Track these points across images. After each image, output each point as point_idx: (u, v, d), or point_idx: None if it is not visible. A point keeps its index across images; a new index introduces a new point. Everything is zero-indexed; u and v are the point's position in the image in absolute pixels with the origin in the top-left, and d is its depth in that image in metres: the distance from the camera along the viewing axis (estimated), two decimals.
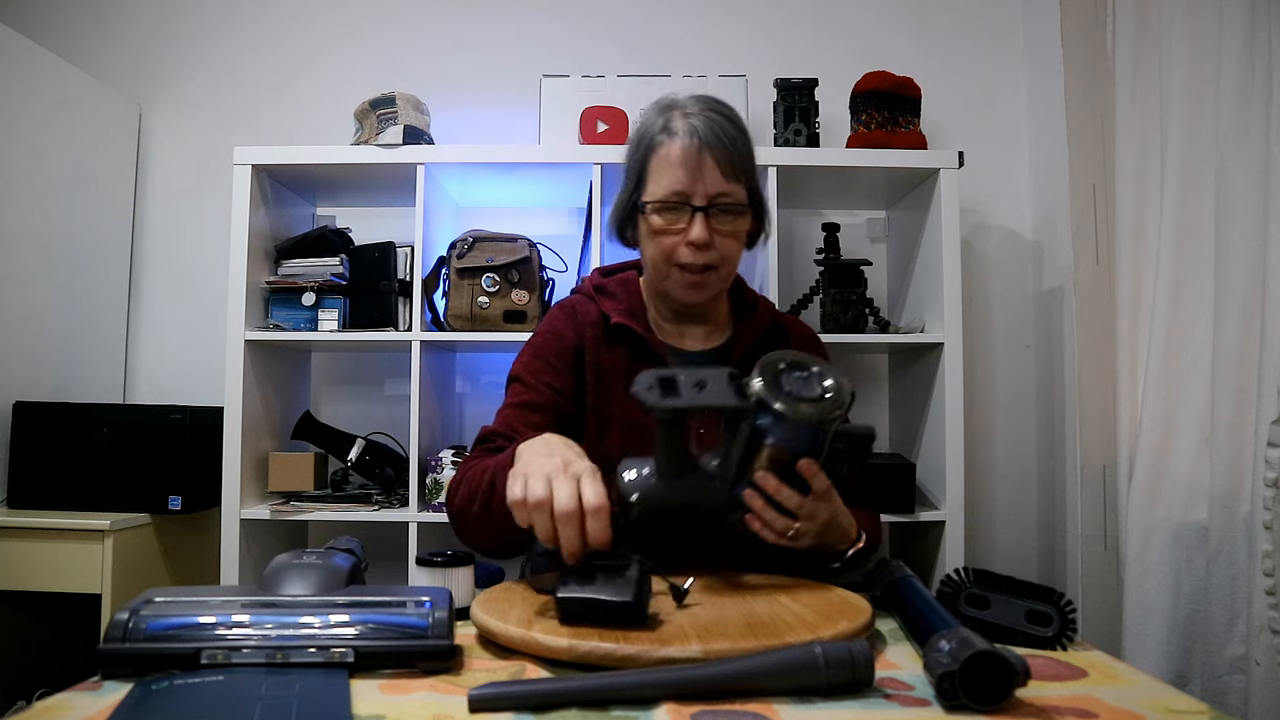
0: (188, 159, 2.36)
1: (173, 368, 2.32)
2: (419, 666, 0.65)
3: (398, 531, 1.86)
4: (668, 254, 1.05)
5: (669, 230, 1.04)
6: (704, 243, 1.02)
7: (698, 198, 1.02)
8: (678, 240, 1.04)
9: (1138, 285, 1.73)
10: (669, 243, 1.05)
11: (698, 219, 1.02)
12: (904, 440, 2.16)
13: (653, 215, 1.05)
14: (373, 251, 2.00)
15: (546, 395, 1.08)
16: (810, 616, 0.74)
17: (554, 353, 1.10)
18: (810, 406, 0.82)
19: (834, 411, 0.83)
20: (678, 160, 1.02)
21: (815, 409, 0.82)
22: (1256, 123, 1.49)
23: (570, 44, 2.35)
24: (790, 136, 2.00)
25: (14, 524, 1.78)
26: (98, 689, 0.61)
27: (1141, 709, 0.58)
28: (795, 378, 0.84)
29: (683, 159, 1.02)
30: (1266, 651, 1.39)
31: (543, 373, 1.09)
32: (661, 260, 1.06)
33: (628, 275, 1.18)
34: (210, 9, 2.39)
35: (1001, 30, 2.36)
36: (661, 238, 1.05)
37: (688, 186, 1.02)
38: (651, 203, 1.05)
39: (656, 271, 1.08)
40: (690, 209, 1.02)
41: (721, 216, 1.03)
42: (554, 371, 1.09)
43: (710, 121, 1.03)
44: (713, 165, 1.02)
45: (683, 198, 1.02)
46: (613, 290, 1.15)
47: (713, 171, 1.02)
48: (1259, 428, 1.44)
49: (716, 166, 1.02)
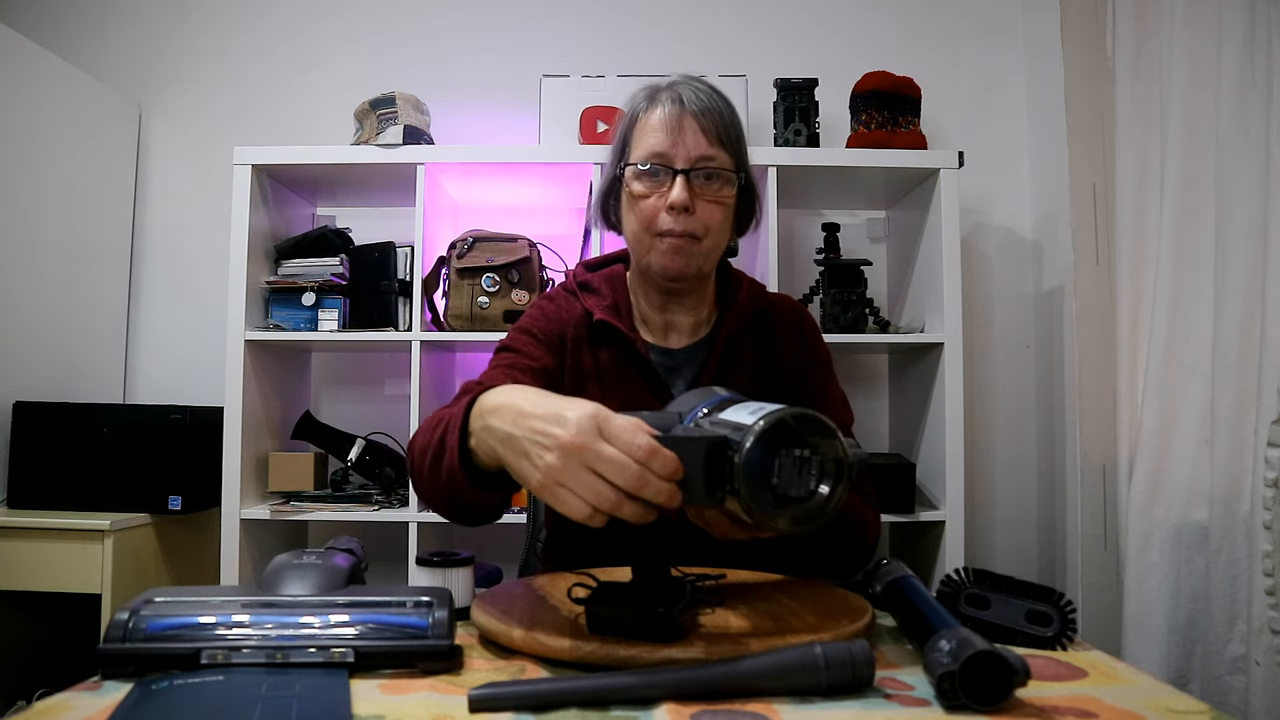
0: (188, 159, 2.36)
1: (173, 368, 2.32)
2: (419, 666, 0.65)
3: (398, 531, 1.86)
4: (648, 221, 1.00)
5: (649, 195, 1.00)
6: (684, 204, 0.98)
7: (679, 160, 0.99)
8: (659, 206, 1.00)
9: (1138, 285, 1.73)
10: (649, 208, 1.00)
11: (678, 181, 0.98)
12: (904, 440, 2.16)
13: (633, 182, 1.01)
14: (373, 251, 2.00)
15: (539, 361, 1.03)
16: (810, 616, 0.74)
17: (543, 333, 1.07)
18: (787, 517, 0.63)
19: (811, 524, 0.64)
20: (658, 124, 1.00)
21: (791, 518, 0.63)
22: (1256, 123, 1.50)
23: (570, 44, 2.35)
24: (790, 136, 2.00)
25: (14, 524, 1.78)
26: (98, 689, 0.61)
27: (1141, 709, 0.58)
28: (791, 458, 0.63)
29: (663, 122, 0.99)
30: (1266, 651, 1.39)
31: (533, 346, 1.05)
32: (642, 230, 1.02)
33: (613, 270, 1.13)
34: (210, 9, 2.39)
35: (1001, 30, 2.36)
36: (642, 203, 1.00)
37: (668, 148, 0.99)
38: (632, 165, 1.01)
39: (638, 244, 1.04)
40: (672, 172, 0.99)
41: (705, 183, 0.99)
42: (544, 347, 1.05)
43: (695, 91, 1.01)
44: (695, 129, 0.99)
45: (663, 160, 0.99)
46: (597, 285, 1.11)
47: (695, 135, 0.99)
48: (1259, 428, 1.44)
49: (700, 130, 0.99)
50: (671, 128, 0.99)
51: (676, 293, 1.07)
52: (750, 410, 0.65)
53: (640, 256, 1.05)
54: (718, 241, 1.03)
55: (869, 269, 2.02)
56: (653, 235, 1.01)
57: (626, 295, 1.11)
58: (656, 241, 1.01)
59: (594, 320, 1.06)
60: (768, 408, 0.64)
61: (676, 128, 0.99)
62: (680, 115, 0.99)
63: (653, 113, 1.01)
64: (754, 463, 0.61)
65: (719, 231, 1.02)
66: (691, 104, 0.99)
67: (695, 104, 0.99)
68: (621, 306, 1.08)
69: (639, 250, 1.04)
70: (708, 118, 0.99)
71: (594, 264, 1.16)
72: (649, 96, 1.03)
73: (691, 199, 0.98)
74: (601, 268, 1.14)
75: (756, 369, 1.08)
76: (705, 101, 1.00)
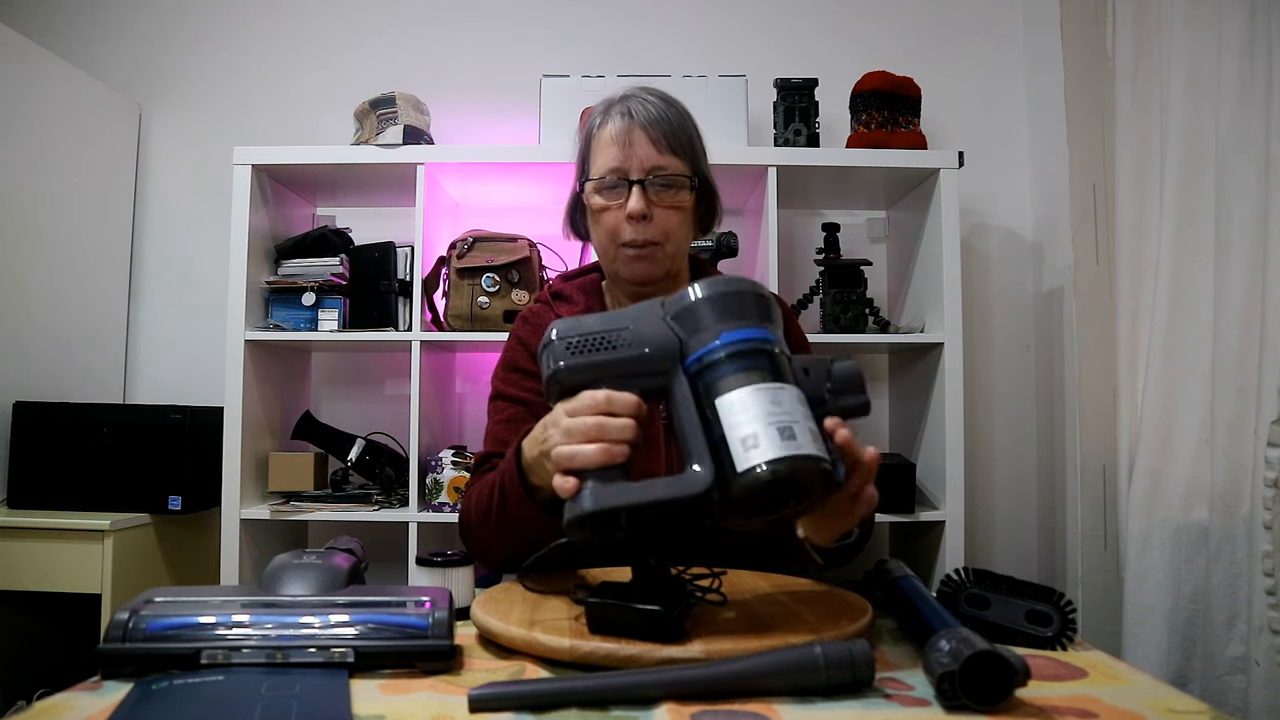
0: (188, 159, 2.36)
1: (173, 368, 2.32)
2: (419, 666, 0.65)
3: (398, 531, 1.86)
4: (612, 232, 1.06)
5: (609, 208, 1.05)
6: (641, 213, 1.03)
7: (634, 172, 1.03)
8: (619, 217, 1.04)
9: (1138, 285, 1.73)
10: (611, 220, 1.05)
11: (634, 192, 1.03)
12: (904, 440, 2.16)
13: (594, 196, 1.06)
14: (373, 251, 2.00)
15: (529, 398, 1.09)
16: (810, 616, 0.74)
17: (524, 359, 1.12)
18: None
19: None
20: (610, 139, 1.05)
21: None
22: (1256, 123, 1.49)
23: (570, 44, 2.35)
24: (790, 136, 2.00)
25: (14, 524, 1.78)
26: (98, 689, 0.61)
27: (1141, 709, 0.58)
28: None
29: (614, 137, 1.04)
30: (1266, 651, 1.39)
31: (519, 380, 1.11)
32: (608, 241, 1.07)
33: (587, 279, 1.19)
34: (210, 9, 2.39)
35: (1001, 30, 2.36)
36: (604, 216, 1.06)
37: (622, 162, 1.03)
38: (590, 181, 1.06)
39: (605, 255, 1.09)
40: (627, 184, 1.04)
41: (661, 191, 1.04)
42: (529, 376, 1.10)
43: (644, 103, 1.06)
44: (645, 140, 1.03)
45: (619, 174, 1.04)
46: (569, 294, 1.16)
47: (645, 146, 1.03)
48: (1259, 428, 1.44)
49: (649, 141, 1.03)
50: (622, 141, 1.04)
51: (648, 294, 1.11)
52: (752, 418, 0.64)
53: (609, 265, 1.11)
54: (680, 244, 1.08)
55: (869, 269, 2.02)
56: (617, 245, 1.06)
57: (601, 300, 1.16)
58: (621, 251, 1.06)
59: None
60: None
61: (627, 141, 1.04)
62: (630, 128, 1.04)
63: (605, 128, 1.06)
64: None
65: (679, 235, 1.07)
66: (640, 116, 1.04)
67: (644, 115, 1.04)
68: (594, 310, 1.13)
69: (606, 259, 1.10)
70: (656, 128, 1.04)
71: (570, 275, 1.22)
72: (603, 111, 1.09)
73: (649, 207, 1.03)
74: (577, 278, 1.20)
75: None
76: (653, 113, 1.05)
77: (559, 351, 0.71)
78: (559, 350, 0.71)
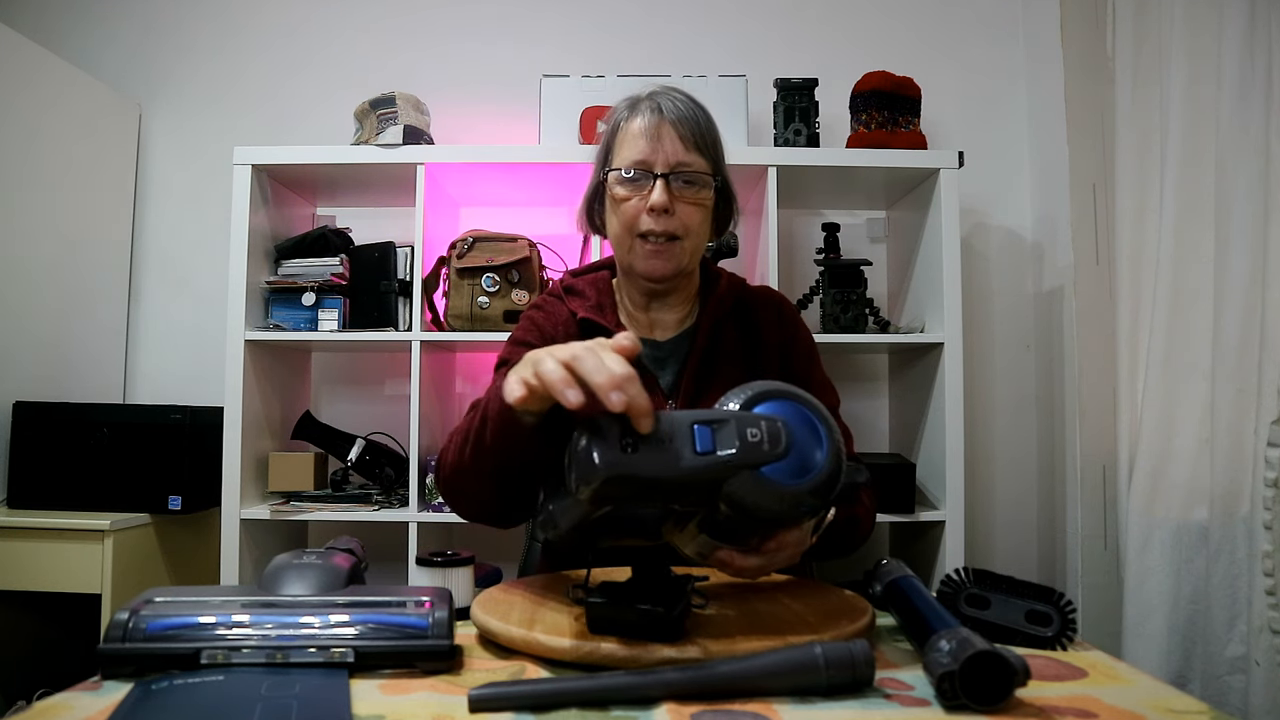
0: (188, 159, 2.36)
1: (173, 368, 2.32)
2: (419, 666, 0.65)
3: (398, 531, 1.86)
4: (630, 223, 1.06)
5: (631, 198, 1.06)
6: (664, 207, 1.04)
7: (659, 165, 1.05)
8: (640, 208, 1.05)
9: (1138, 285, 1.73)
10: (631, 210, 1.06)
11: (658, 185, 1.04)
12: (904, 440, 2.16)
13: (616, 186, 1.07)
14: (373, 251, 2.00)
15: None
16: (810, 616, 0.74)
17: (535, 338, 1.11)
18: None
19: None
20: (639, 132, 1.06)
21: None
22: (1256, 122, 1.49)
23: (570, 44, 2.35)
24: (790, 136, 2.00)
25: (14, 524, 1.78)
26: (98, 689, 0.61)
27: (1141, 709, 0.58)
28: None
29: (643, 130, 1.06)
30: (1266, 651, 1.39)
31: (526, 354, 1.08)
32: (625, 232, 1.07)
33: (598, 275, 1.20)
34: (210, 9, 2.39)
35: (1001, 30, 2.36)
36: (625, 206, 1.06)
37: (649, 155, 1.05)
38: (614, 171, 1.07)
39: (620, 246, 1.10)
40: (652, 176, 1.05)
41: (684, 187, 1.05)
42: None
43: (674, 101, 1.07)
44: (673, 136, 1.05)
45: (644, 166, 1.05)
46: (581, 289, 1.17)
47: (673, 142, 1.05)
48: (1259, 428, 1.44)
49: (678, 138, 1.05)
50: (651, 135, 1.05)
51: (660, 292, 1.13)
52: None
53: (623, 258, 1.11)
54: (697, 241, 1.09)
55: (869, 269, 2.02)
56: (634, 237, 1.07)
57: (611, 296, 1.17)
58: (638, 243, 1.07)
59: (579, 319, 1.12)
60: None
61: (656, 135, 1.05)
62: (659, 123, 1.05)
63: (633, 121, 1.07)
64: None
65: (698, 232, 1.08)
66: (670, 113, 1.06)
67: (673, 113, 1.06)
68: (606, 306, 1.14)
69: (622, 251, 1.10)
70: (685, 126, 1.06)
71: (580, 271, 1.23)
72: (630, 106, 1.09)
73: (671, 201, 1.04)
74: (587, 274, 1.21)
75: (740, 353, 1.12)
76: (682, 110, 1.07)
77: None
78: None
